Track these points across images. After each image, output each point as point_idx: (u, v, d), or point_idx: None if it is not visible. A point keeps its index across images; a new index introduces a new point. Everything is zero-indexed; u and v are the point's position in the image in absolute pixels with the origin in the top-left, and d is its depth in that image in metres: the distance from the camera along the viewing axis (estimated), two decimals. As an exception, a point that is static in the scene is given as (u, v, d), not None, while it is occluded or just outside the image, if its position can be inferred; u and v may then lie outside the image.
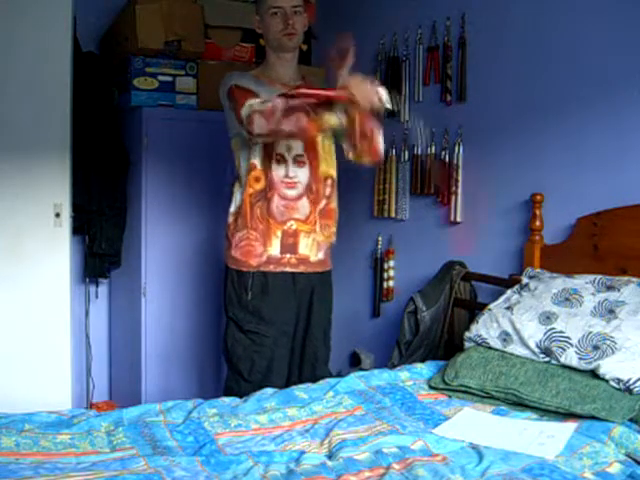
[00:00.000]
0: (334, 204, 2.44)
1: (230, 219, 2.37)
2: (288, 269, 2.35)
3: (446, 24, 2.94)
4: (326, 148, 2.39)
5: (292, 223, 2.33)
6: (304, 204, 2.34)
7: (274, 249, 2.32)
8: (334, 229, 2.45)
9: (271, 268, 2.33)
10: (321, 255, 2.42)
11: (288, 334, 2.39)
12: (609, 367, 1.89)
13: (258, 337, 2.33)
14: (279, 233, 2.32)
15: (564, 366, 2.00)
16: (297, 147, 2.32)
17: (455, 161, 2.89)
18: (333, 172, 2.42)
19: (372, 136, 2.14)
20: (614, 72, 2.34)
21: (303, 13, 2.34)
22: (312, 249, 2.38)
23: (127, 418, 1.85)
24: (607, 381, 1.89)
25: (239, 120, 2.19)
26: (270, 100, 2.11)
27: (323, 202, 2.39)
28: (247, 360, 2.33)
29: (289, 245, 2.34)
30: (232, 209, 2.37)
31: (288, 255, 2.34)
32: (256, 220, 2.31)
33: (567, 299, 2.13)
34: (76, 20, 2.93)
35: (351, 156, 2.30)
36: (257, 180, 2.31)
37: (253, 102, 2.15)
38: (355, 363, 3.46)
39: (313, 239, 2.37)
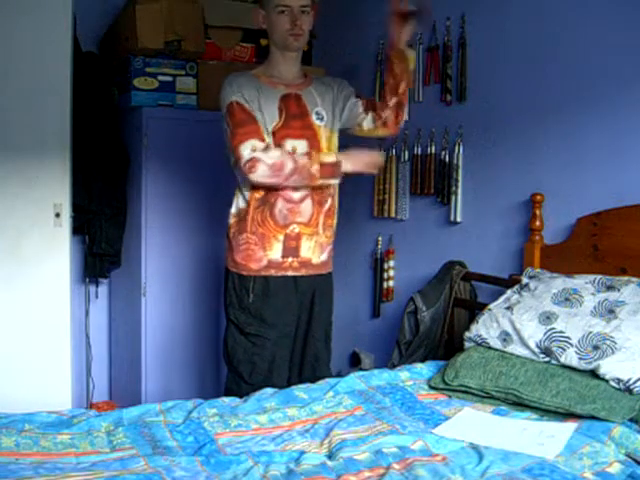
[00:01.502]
0: (336, 202, 2.43)
1: (231, 220, 2.36)
2: (290, 273, 2.34)
3: (446, 24, 2.94)
4: (331, 144, 2.38)
5: (295, 226, 2.31)
6: (307, 206, 2.32)
7: (275, 253, 2.31)
8: (335, 226, 2.45)
9: (272, 272, 2.32)
10: (324, 257, 2.41)
11: (289, 336, 2.38)
12: (609, 367, 1.89)
13: (259, 339, 2.32)
14: (281, 237, 2.30)
15: (564, 366, 2.00)
16: (302, 147, 2.30)
17: (455, 161, 2.89)
18: None
19: (405, 109, 2.39)
20: (614, 72, 2.34)
21: (310, 13, 2.30)
22: (315, 251, 2.37)
23: (127, 418, 1.85)
24: (607, 381, 1.89)
25: (234, 153, 2.22)
26: (271, 148, 2.22)
27: (329, 201, 2.38)
28: (248, 363, 2.32)
29: (291, 249, 2.32)
30: (233, 210, 2.36)
31: (290, 259, 2.33)
32: (256, 224, 2.30)
33: (567, 299, 2.13)
34: (76, 20, 2.92)
35: (372, 126, 2.40)
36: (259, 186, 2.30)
37: (257, 145, 2.19)
38: (355, 363, 3.47)
39: (315, 241, 2.36)
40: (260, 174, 2.18)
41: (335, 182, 2.34)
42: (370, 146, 2.45)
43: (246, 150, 2.18)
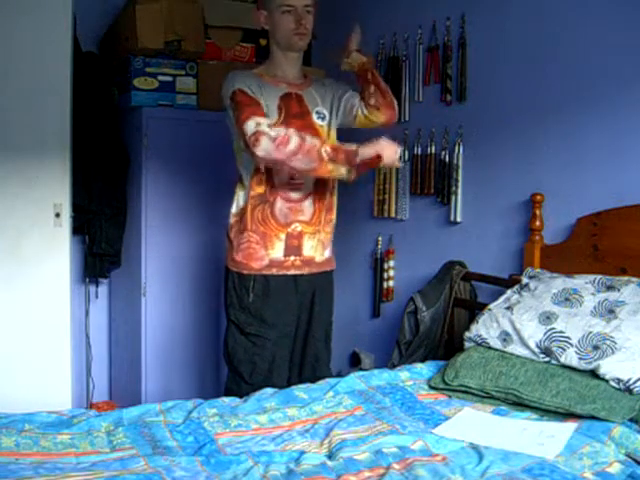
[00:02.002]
0: (335, 197, 2.43)
1: (232, 220, 2.36)
2: (292, 272, 2.34)
3: (446, 24, 2.94)
4: (331, 140, 2.38)
5: (297, 225, 2.31)
6: (308, 205, 2.32)
7: (277, 252, 2.31)
8: (334, 221, 2.44)
9: (274, 271, 2.31)
10: (327, 253, 2.42)
11: (289, 336, 2.38)
12: (609, 367, 1.89)
13: (259, 340, 2.32)
14: (282, 236, 2.30)
15: (564, 366, 2.00)
16: None
17: (455, 161, 2.89)
18: None
19: (386, 89, 2.40)
20: (614, 72, 2.34)
21: (312, 12, 2.31)
22: (317, 249, 2.37)
23: (127, 418, 1.85)
24: (607, 381, 1.89)
25: (241, 132, 2.18)
26: (275, 125, 2.17)
27: (327, 197, 2.38)
28: (248, 363, 2.32)
29: (293, 247, 2.32)
30: (233, 210, 2.36)
31: (292, 257, 2.32)
32: (257, 223, 2.29)
33: (567, 299, 2.13)
34: (76, 20, 2.93)
35: (367, 112, 2.39)
36: (259, 183, 2.29)
37: (260, 120, 2.15)
38: (355, 363, 3.47)
39: (317, 239, 2.36)
40: (263, 147, 2.09)
41: (344, 173, 2.18)
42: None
43: (250, 126, 2.14)
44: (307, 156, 2.12)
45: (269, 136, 2.10)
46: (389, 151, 2.19)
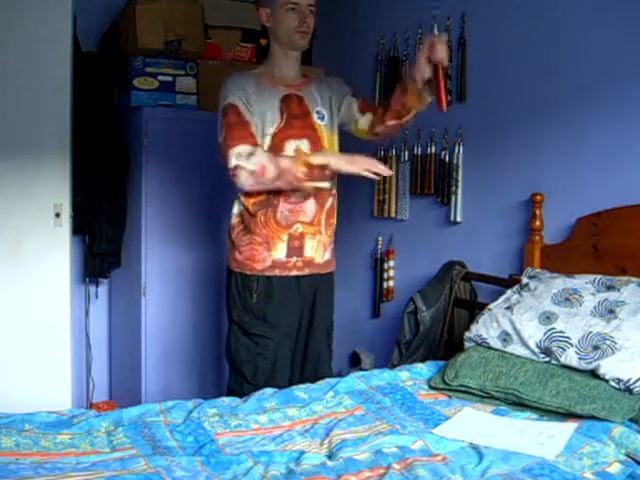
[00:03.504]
0: (336, 201, 2.44)
1: (233, 221, 2.36)
2: (294, 272, 2.34)
3: (446, 24, 2.94)
4: (332, 143, 2.38)
5: (298, 226, 2.31)
6: (310, 206, 2.32)
7: (279, 253, 2.31)
8: (335, 225, 2.45)
9: (276, 272, 2.31)
10: (327, 255, 2.42)
11: (292, 336, 2.39)
12: (609, 367, 1.89)
13: (262, 340, 2.32)
14: (285, 237, 2.30)
15: (564, 366, 2.00)
16: (304, 147, 2.29)
17: (455, 161, 2.89)
18: None
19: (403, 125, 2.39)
20: (614, 72, 2.34)
21: (315, 12, 2.31)
22: (318, 250, 2.37)
23: (127, 418, 1.85)
24: (607, 381, 1.89)
25: (223, 162, 2.20)
26: (255, 153, 2.16)
27: (329, 201, 2.38)
28: (251, 363, 2.32)
29: (295, 248, 2.32)
30: (235, 210, 2.36)
31: (294, 259, 2.33)
32: (259, 226, 2.29)
33: (567, 299, 2.13)
34: (76, 20, 2.93)
35: (365, 128, 2.41)
36: None
37: (241, 151, 2.16)
38: (355, 363, 3.47)
39: (318, 240, 2.36)
40: (243, 181, 2.18)
41: (325, 185, 2.30)
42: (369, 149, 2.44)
43: (232, 158, 2.17)
44: (284, 179, 2.18)
45: (247, 170, 2.16)
46: (367, 166, 2.16)
